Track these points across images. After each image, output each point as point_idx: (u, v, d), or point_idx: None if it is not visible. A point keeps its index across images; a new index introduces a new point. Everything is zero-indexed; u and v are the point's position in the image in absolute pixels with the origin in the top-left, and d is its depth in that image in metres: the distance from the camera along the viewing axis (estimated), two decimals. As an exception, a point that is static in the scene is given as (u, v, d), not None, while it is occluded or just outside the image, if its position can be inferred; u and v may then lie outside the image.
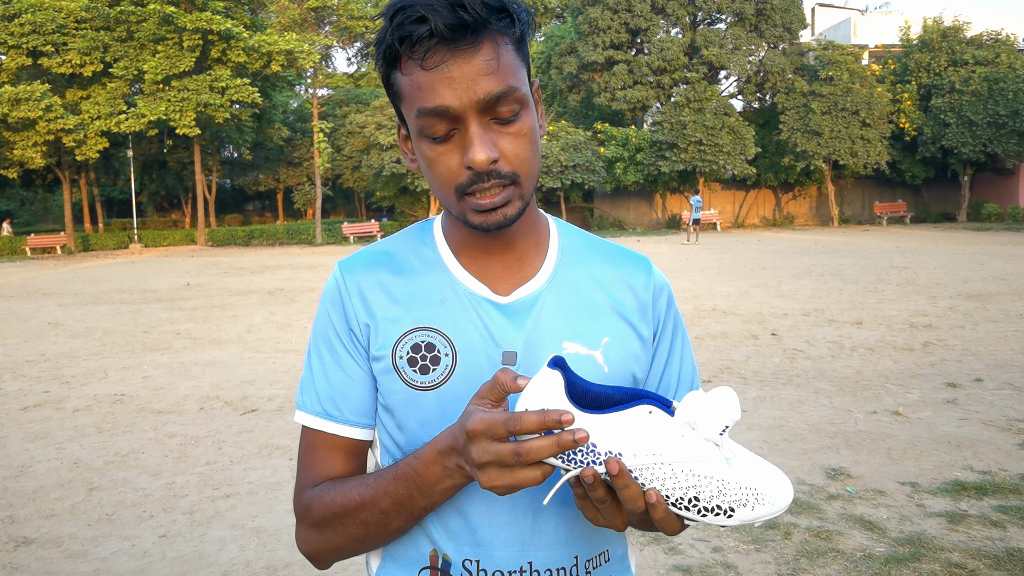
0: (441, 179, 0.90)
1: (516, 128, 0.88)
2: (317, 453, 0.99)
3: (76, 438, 5.45)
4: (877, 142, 30.31)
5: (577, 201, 33.93)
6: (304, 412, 1.00)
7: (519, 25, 0.89)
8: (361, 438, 0.99)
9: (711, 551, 3.42)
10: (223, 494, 4.30)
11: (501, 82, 0.85)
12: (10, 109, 26.98)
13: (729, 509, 0.76)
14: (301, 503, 0.98)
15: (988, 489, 3.99)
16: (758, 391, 6.16)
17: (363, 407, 0.99)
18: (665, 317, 1.04)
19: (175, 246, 34.04)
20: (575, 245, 1.05)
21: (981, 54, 30.33)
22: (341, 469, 0.98)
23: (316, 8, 32.22)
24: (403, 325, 0.96)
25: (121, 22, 29.29)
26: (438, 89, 0.85)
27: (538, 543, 0.94)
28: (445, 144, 0.88)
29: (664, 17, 32.15)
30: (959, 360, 7.02)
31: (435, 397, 0.94)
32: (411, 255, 1.02)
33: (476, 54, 0.85)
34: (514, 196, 0.90)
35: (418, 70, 0.86)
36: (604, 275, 1.02)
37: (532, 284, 0.99)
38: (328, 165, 32.82)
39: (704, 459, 0.75)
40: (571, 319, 0.98)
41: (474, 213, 0.90)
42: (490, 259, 0.99)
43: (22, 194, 50.95)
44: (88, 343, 9.42)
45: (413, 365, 0.95)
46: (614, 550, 1.02)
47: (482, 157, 0.85)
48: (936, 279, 13.10)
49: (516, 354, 0.95)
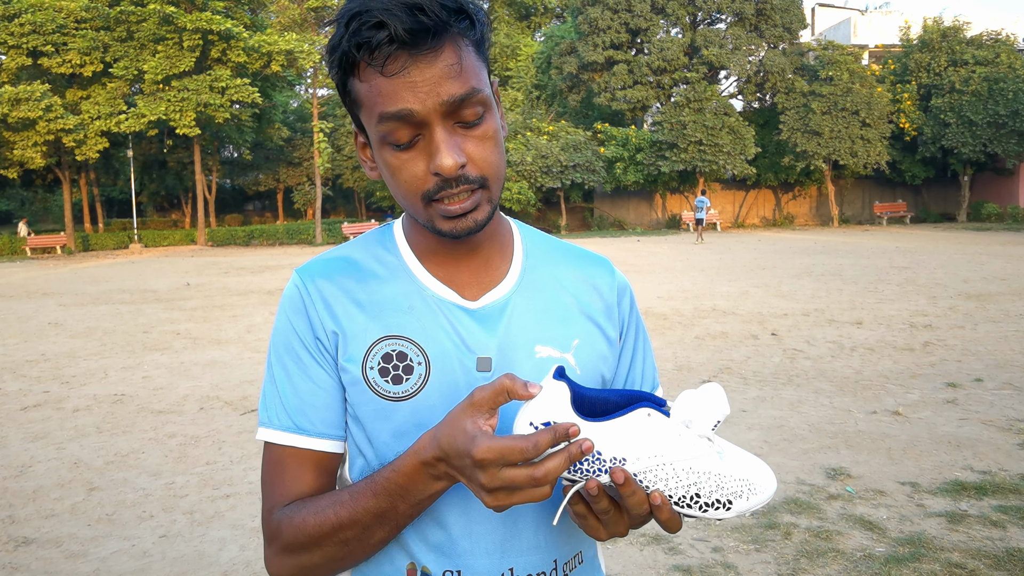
0: (406, 187, 0.88)
1: (481, 131, 0.87)
2: (285, 470, 0.94)
3: (76, 438, 5.45)
4: (877, 142, 30.31)
5: (577, 201, 33.92)
6: (270, 428, 0.94)
7: (478, 27, 0.88)
8: (333, 451, 0.95)
9: (711, 551, 3.42)
10: (223, 494, 4.30)
11: (464, 84, 0.84)
12: (10, 109, 26.98)
13: (728, 502, 0.78)
14: (270, 525, 0.93)
15: (988, 489, 3.99)
16: (758, 391, 6.16)
17: (334, 418, 0.95)
18: (629, 317, 1.06)
19: (175, 246, 34.04)
20: (539, 248, 1.04)
21: (981, 54, 30.33)
22: (312, 486, 0.94)
23: (316, 8, 32.21)
24: (371, 334, 0.93)
25: (121, 22, 29.30)
26: (400, 94, 0.83)
27: (518, 549, 0.94)
28: (409, 151, 0.86)
29: (664, 17, 32.14)
30: (959, 360, 7.02)
31: (409, 408, 0.92)
32: (372, 261, 0.99)
33: (438, 58, 0.83)
34: (483, 200, 0.88)
35: (378, 76, 0.84)
36: (569, 277, 1.02)
37: (500, 288, 0.98)
38: (328, 165, 32.82)
39: (701, 456, 0.77)
40: (541, 322, 0.97)
41: (443, 220, 0.88)
42: (456, 264, 0.97)
43: (22, 194, 50.93)
44: (88, 343, 9.42)
45: (385, 375, 0.92)
46: (586, 552, 1.02)
47: (450, 163, 0.83)
48: (936, 279, 13.10)
49: (491, 360, 0.93)
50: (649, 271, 16.27)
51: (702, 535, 3.59)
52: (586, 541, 1.02)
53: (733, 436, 5.01)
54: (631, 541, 3.53)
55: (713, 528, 3.65)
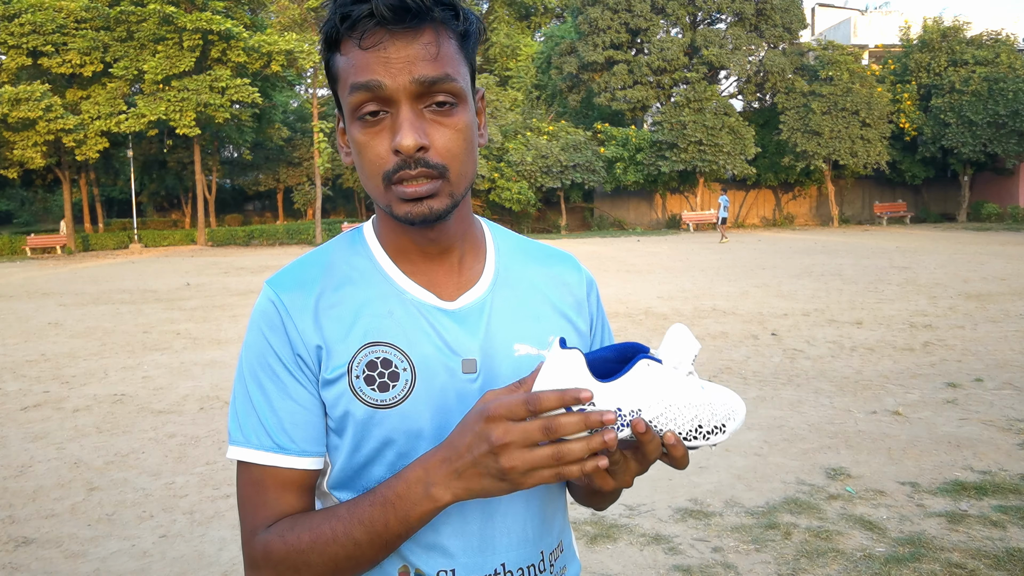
0: (369, 165, 0.88)
1: (451, 121, 0.87)
2: (267, 492, 0.91)
3: (76, 438, 5.45)
4: (877, 142, 30.30)
5: (577, 201, 33.93)
6: (247, 448, 0.91)
7: (463, 22, 0.89)
8: (315, 468, 0.93)
9: (711, 551, 3.42)
10: (223, 494, 4.30)
11: (437, 68, 0.85)
12: (10, 109, 26.97)
13: (722, 425, 0.84)
14: (256, 548, 0.89)
15: (988, 489, 3.99)
16: (758, 391, 6.16)
17: (316, 435, 0.92)
18: (597, 311, 1.09)
19: (175, 246, 34.04)
20: (509, 247, 1.05)
21: (981, 54, 30.33)
22: (295, 506, 0.91)
23: (316, 8, 32.17)
24: (353, 342, 0.92)
25: (121, 22, 29.29)
26: (373, 66, 0.85)
27: (508, 544, 0.95)
28: (375, 128, 0.87)
29: (664, 17, 32.14)
30: (959, 360, 7.02)
31: (398, 415, 0.91)
32: (344, 266, 0.97)
33: (415, 39, 0.85)
34: (442, 191, 0.88)
35: (356, 49, 0.86)
36: (540, 275, 1.04)
37: (477, 289, 0.98)
38: (328, 165, 32.80)
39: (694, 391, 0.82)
40: (518, 321, 0.98)
41: (399, 202, 0.88)
42: (430, 264, 0.97)
43: (22, 194, 50.95)
44: (88, 343, 9.42)
45: (371, 384, 0.91)
46: (565, 540, 1.05)
47: (409, 142, 0.84)
48: (936, 279, 13.10)
49: (476, 361, 0.94)
50: (649, 271, 16.27)
51: (702, 535, 3.59)
52: (564, 530, 1.05)
53: (733, 436, 5.01)
54: (631, 541, 3.54)
55: (713, 528, 3.66)
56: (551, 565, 0.99)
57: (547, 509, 1.00)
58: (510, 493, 0.80)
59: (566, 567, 1.03)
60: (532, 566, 0.97)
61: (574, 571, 1.06)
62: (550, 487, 1.00)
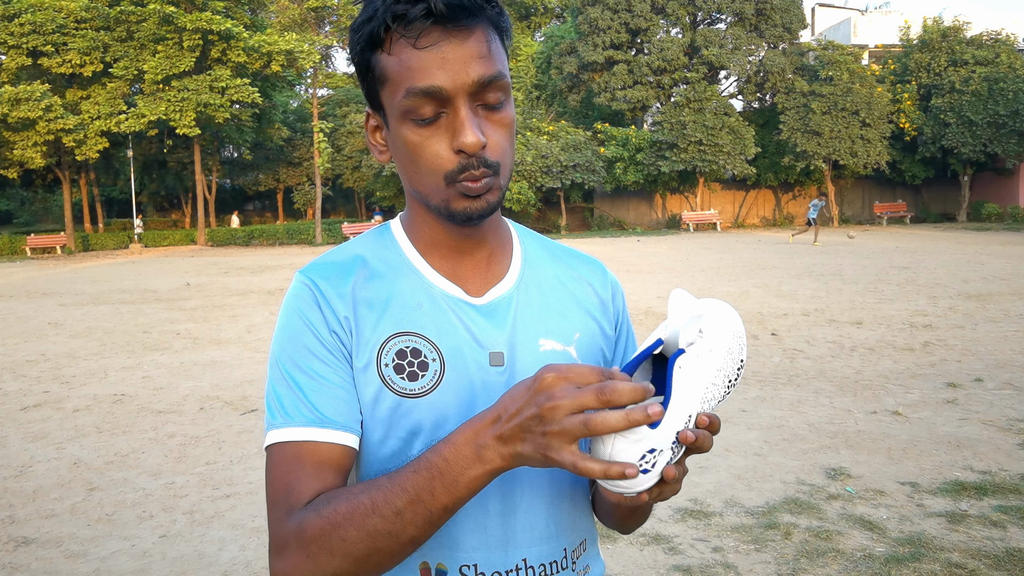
0: (428, 165, 0.87)
1: (501, 117, 0.88)
2: (303, 469, 0.86)
3: (76, 438, 5.45)
4: (877, 142, 30.31)
5: (577, 201, 33.92)
6: (289, 427, 0.87)
7: (505, 18, 0.90)
8: (353, 447, 0.90)
9: (711, 551, 3.42)
10: (223, 494, 4.30)
11: (492, 67, 0.86)
12: (10, 109, 26.99)
13: (741, 361, 0.84)
14: (288, 528, 0.83)
15: (988, 489, 3.98)
16: (758, 391, 6.16)
17: (355, 413, 0.90)
18: (623, 315, 1.09)
19: (175, 246, 34.04)
20: (535, 246, 1.06)
21: (981, 54, 30.33)
22: (333, 487, 0.86)
23: (316, 8, 32.24)
24: (383, 331, 0.92)
25: (121, 22, 29.31)
26: (431, 69, 0.84)
27: (530, 540, 0.95)
28: (430, 127, 0.86)
29: (664, 17, 32.15)
30: (959, 360, 7.02)
31: (426, 404, 0.91)
32: (375, 260, 0.97)
33: (470, 37, 0.85)
34: (495, 186, 0.89)
35: (409, 49, 0.85)
36: (565, 274, 1.05)
37: (504, 284, 0.99)
38: (328, 165, 32.82)
39: (715, 359, 0.81)
40: (544, 317, 0.99)
41: (460, 199, 0.88)
42: (460, 259, 0.97)
43: (22, 194, 50.98)
44: (88, 343, 9.42)
45: (400, 372, 0.91)
46: (589, 539, 1.04)
47: (473, 140, 0.84)
48: (936, 279, 13.09)
49: (503, 355, 0.94)
50: (649, 271, 16.27)
51: (702, 535, 3.59)
52: (589, 529, 1.04)
53: (733, 436, 5.02)
54: (631, 541, 3.53)
55: (713, 528, 3.66)
56: (573, 563, 0.99)
57: (571, 507, 1.00)
58: (545, 467, 0.76)
59: (589, 566, 1.03)
60: (554, 563, 0.96)
61: (598, 571, 1.05)
62: (574, 486, 1.00)
